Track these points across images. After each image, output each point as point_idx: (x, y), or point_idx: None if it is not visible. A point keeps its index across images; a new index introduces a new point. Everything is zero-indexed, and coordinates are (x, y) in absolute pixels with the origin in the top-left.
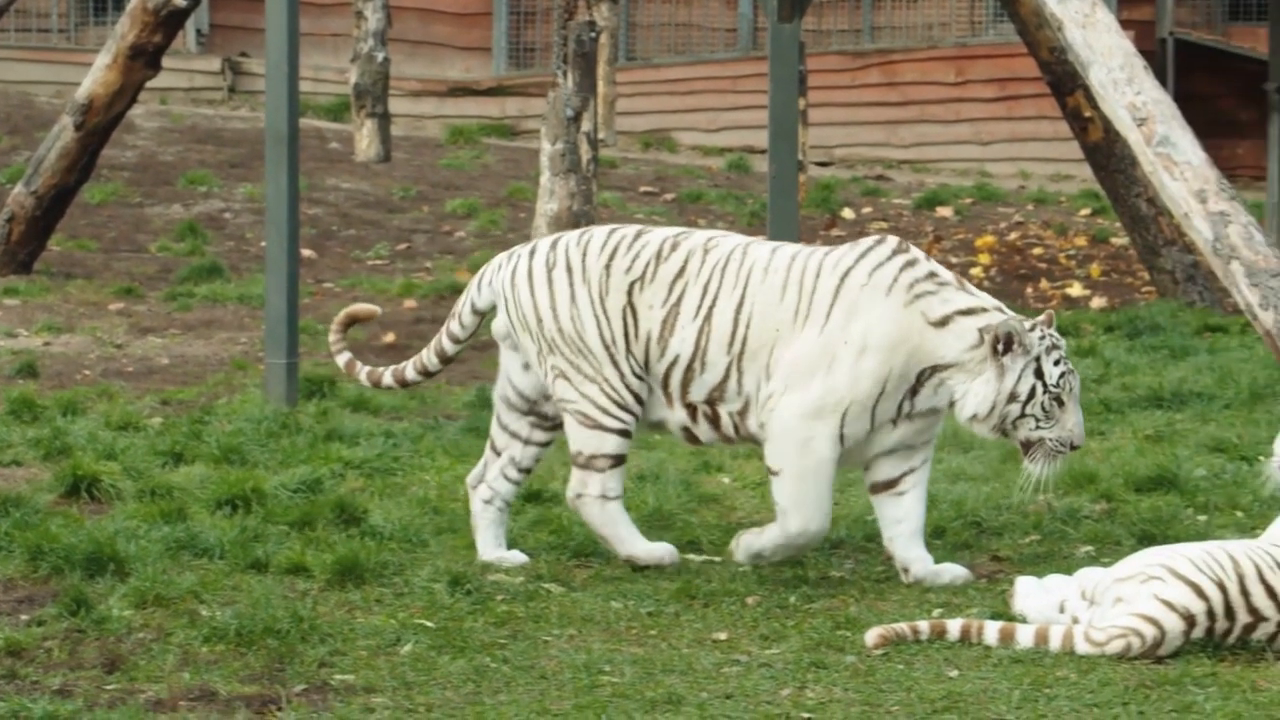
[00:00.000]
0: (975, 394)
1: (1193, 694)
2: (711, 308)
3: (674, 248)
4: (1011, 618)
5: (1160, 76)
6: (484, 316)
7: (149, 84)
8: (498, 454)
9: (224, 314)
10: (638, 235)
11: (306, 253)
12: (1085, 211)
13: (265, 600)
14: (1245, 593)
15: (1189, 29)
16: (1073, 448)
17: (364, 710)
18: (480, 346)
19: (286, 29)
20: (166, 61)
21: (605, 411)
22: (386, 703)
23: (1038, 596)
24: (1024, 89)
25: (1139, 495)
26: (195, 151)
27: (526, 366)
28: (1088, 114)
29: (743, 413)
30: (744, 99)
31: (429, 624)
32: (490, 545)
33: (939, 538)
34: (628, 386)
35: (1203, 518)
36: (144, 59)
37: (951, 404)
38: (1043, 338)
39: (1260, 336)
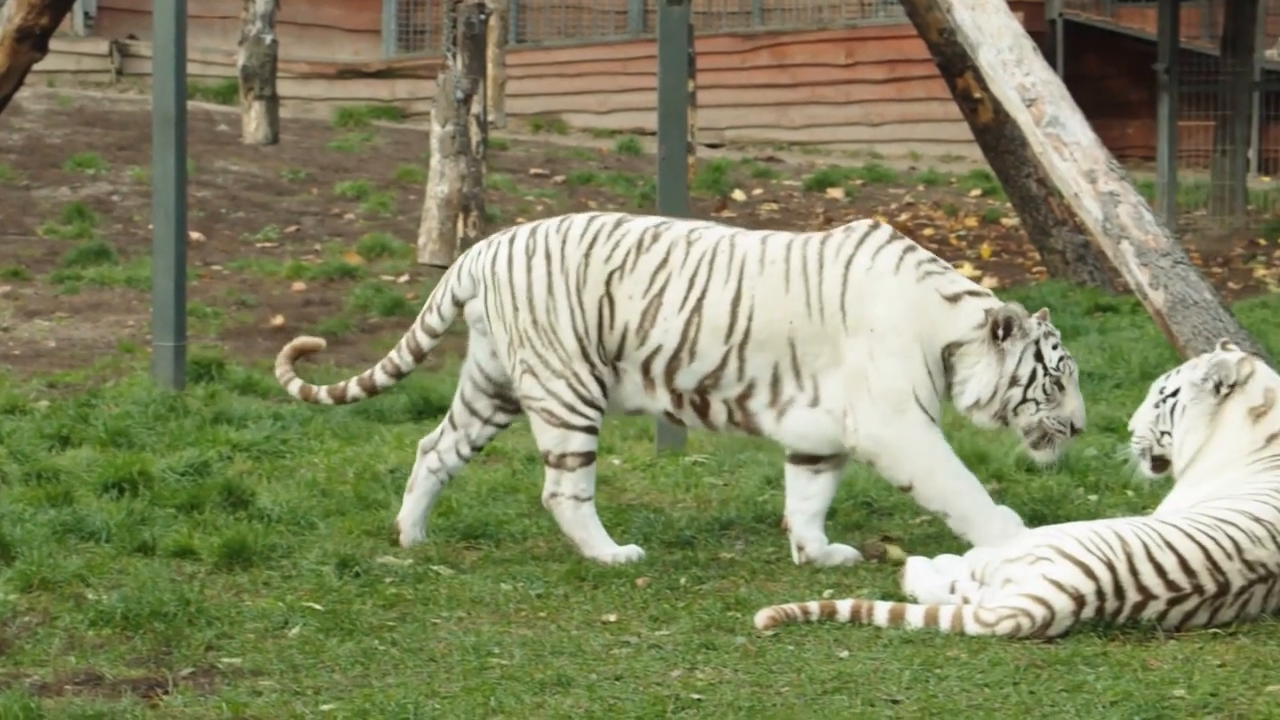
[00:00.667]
0: (977, 379)
1: (1083, 673)
2: (701, 299)
3: (655, 238)
4: (902, 598)
5: (1050, 58)
6: (463, 308)
7: (36, 66)
8: (455, 428)
9: (112, 297)
10: (618, 224)
11: (195, 235)
12: (976, 192)
13: (152, 583)
14: (1134, 572)
15: (1078, 10)
16: (1074, 430)
17: (251, 693)
18: (367, 329)
19: (174, 11)
20: (54, 44)
21: (572, 409)
22: (274, 686)
23: (929, 577)
24: (914, 71)
25: (1030, 475)
26: (83, 134)
27: (494, 353)
28: (977, 95)
29: (743, 398)
30: (634, 81)
31: (317, 607)
32: (413, 514)
33: (830, 518)
34: (596, 380)
35: (1093, 497)
36: (31, 41)
37: (949, 389)
38: (1040, 323)
39: (1151, 316)
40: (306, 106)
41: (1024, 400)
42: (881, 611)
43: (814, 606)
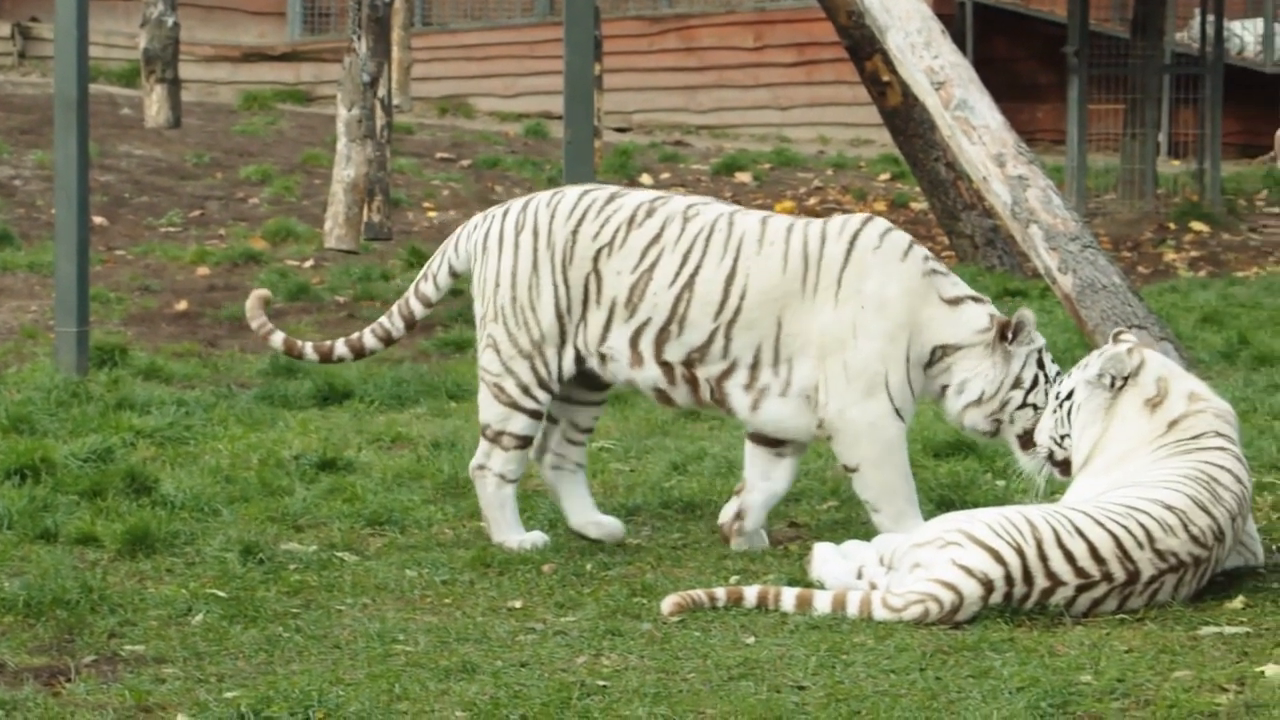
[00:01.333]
0: (982, 377)
1: (990, 659)
2: (694, 275)
3: (650, 213)
4: (810, 584)
5: (959, 40)
6: (459, 278)
7: None
8: (555, 422)
9: (14, 282)
10: (610, 199)
11: (98, 220)
12: (884, 176)
13: (54, 571)
14: (1043, 558)
15: None
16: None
17: (154, 681)
18: (272, 315)
19: None
20: None
21: (526, 391)
22: (177, 673)
23: (836, 563)
24: (823, 54)
25: (938, 460)
26: None
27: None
28: (886, 78)
29: (724, 377)
30: (541, 64)
31: (221, 594)
32: (582, 510)
33: None
34: (561, 365)
35: (1001, 483)
36: None
37: (944, 391)
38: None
39: (1059, 300)
40: (211, 90)
41: (1024, 404)
42: (788, 597)
43: (721, 592)
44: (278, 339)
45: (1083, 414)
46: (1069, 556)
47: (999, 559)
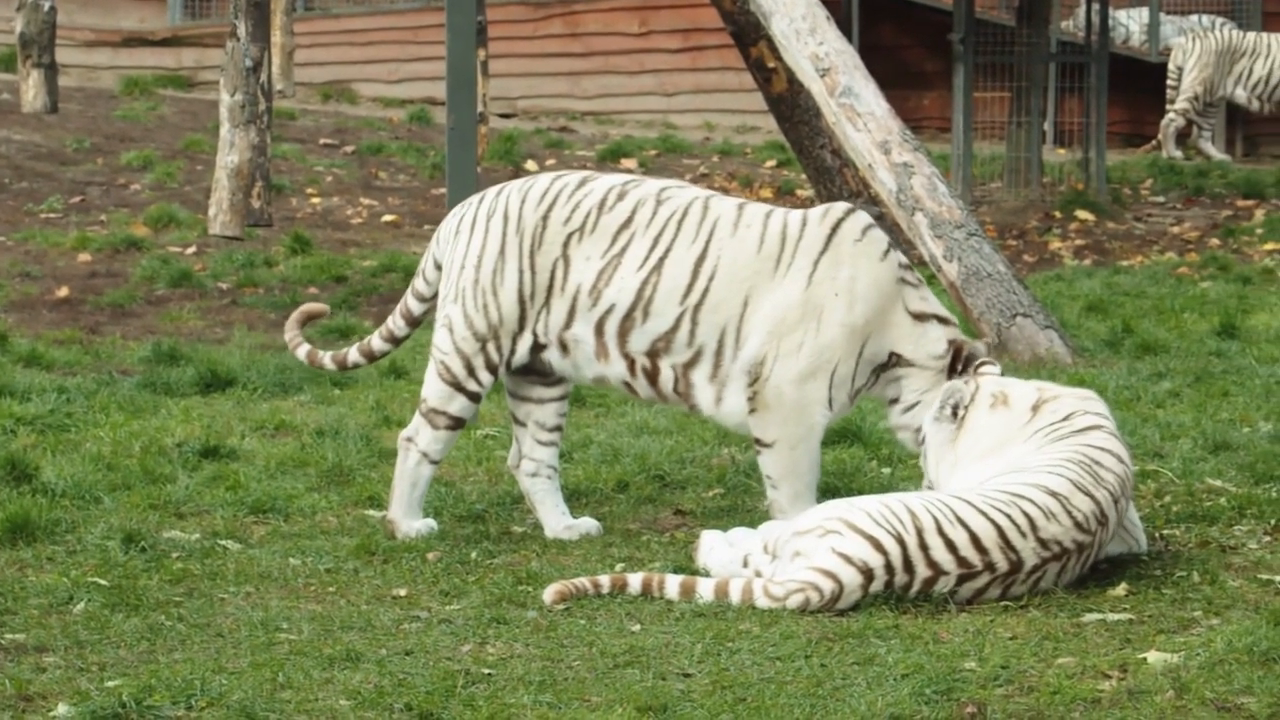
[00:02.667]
0: (927, 404)
1: (875, 646)
2: (663, 258)
3: (620, 196)
4: (695, 572)
5: (844, 27)
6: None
7: None
8: (522, 424)
9: None
10: (581, 183)
11: None
12: (770, 163)
13: None
14: (924, 546)
15: None
16: None
17: (35, 670)
18: (155, 301)
19: None
20: None
21: (471, 372)
22: (58, 662)
23: (722, 550)
24: (708, 40)
25: (823, 448)
26: None
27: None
28: (772, 65)
29: (689, 365)
30: (425, 50)
31: (102, 582)
32: (556, 517)
33: (622, 491)
34: (514, 351)
35: (886, 470)
36: None
37: (891, 403)
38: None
39: (945, 288)
40: (92, 75)
41: None
42: (673, 585)
43: (605, 580)
44: (302, 352)
45: (933, 450)
46: (950, 545)
47: (879, 547)
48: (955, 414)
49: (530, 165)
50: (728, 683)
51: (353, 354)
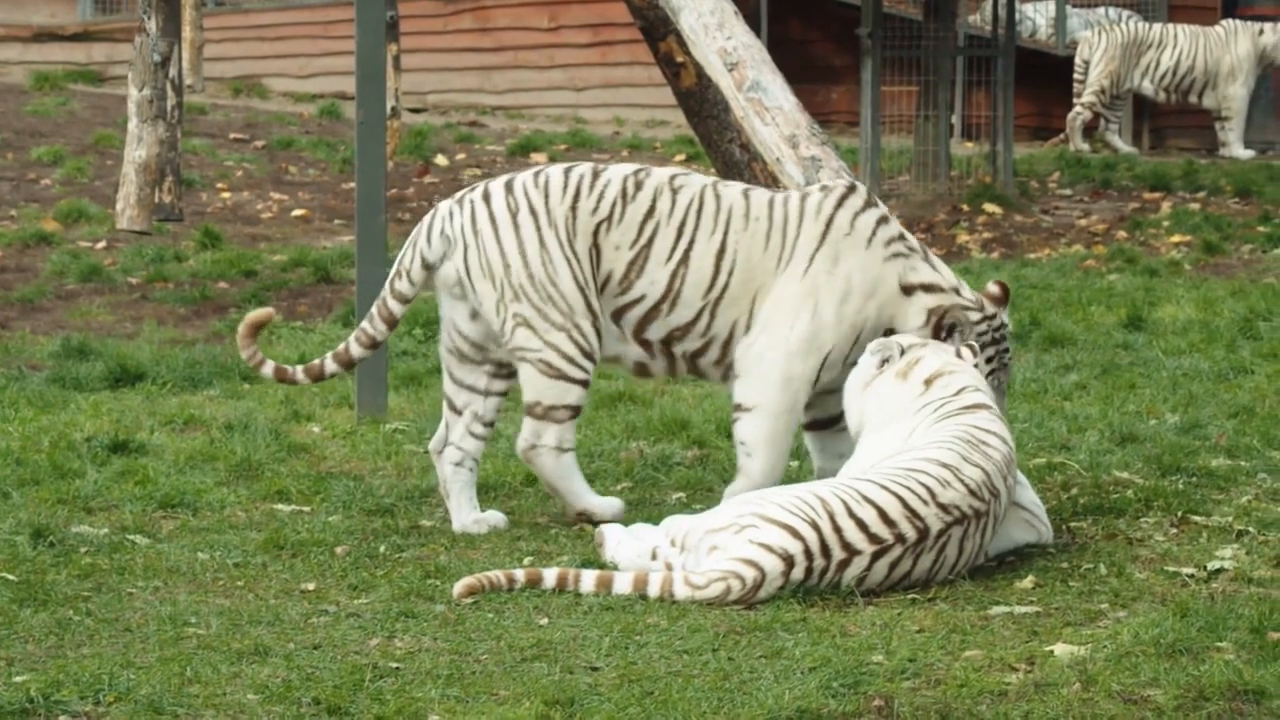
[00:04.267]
0: None
1: (782, 639)
2: (688, 251)
3: (638, 186)
4: (603, 566)
5: (753, 22)
6: (433, 270)
7: None
8: (458, 413)
9: None
10: (596, 174)
11: None
12: (680, 158)
13: None
14: (838, 529)
15: None
16: None
17: None
18: (64, 296)
19: None
20: None
21: (571, 361)
22: None
23: (630, 544)
24: (617, 35)
25: (731, 441)
26: None
27: (474, 315)
28: (680, 60)
29: (699, 353)
30: (336, 45)
31: (10, 577)
32: (467, 511)
33: (531, 485)
34: (596, 332)
35: (794, 463)
36: None
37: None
38: (988, 328)
39: None
40: (2, 70)
41: None
42: (588, 579)
43: (520, 574)
44: (269, 369)
45: (848, 387)
46: (861, 524)
47: (796, 534)
48: (881, 365)
49: (440, 160)
50: (635, 676)
51: (329, 364)
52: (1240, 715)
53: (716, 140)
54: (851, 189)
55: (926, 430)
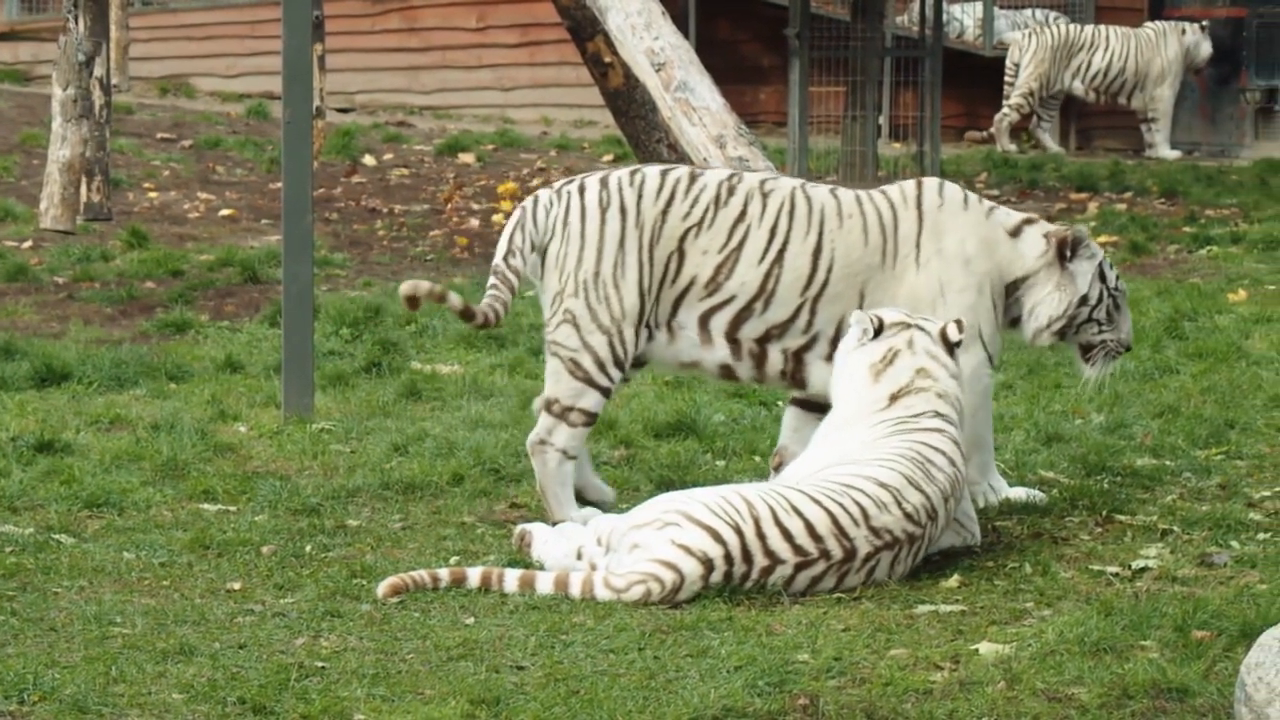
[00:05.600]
0: (1048, 302)
1: (708, 638)
2: (782, 250)
3: (731, 191)
4: (529, 565)
5: (681, 23)
6: (539, 253)
7: None
8: None
9: None
10: (693, 178)
11: None
12: (608, 157)
13: None
14: (761, 536)
15: None
16: (1126, 349)
17: None
18: None
19: None
20: None
21: (602, 367)
22: None
23: (556, 543)
24: (546, 35)
25: (658, 441)
26: None
27: None
28: (608, 60)
29: (802, 351)
30: (263, 44)
31: None
32: (568, 507)
33: (458, 485)
34: (636, 343)
35: (721, 463)
36: None
37: (1015, 321)
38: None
39: None
40: None
41: (1088, 319)
42: (511, 579)
43: (444, 574)
44: (455, 300)
45: (837, 363)
46: (787, 534)
47: (718, 538)
48: (860, 336)
49: (368, 160)
50: (561, 675)
51: (479, 314)
52: (1164, 713)
53: (644, 140)
54: (922, 181)
55: (876, 442)
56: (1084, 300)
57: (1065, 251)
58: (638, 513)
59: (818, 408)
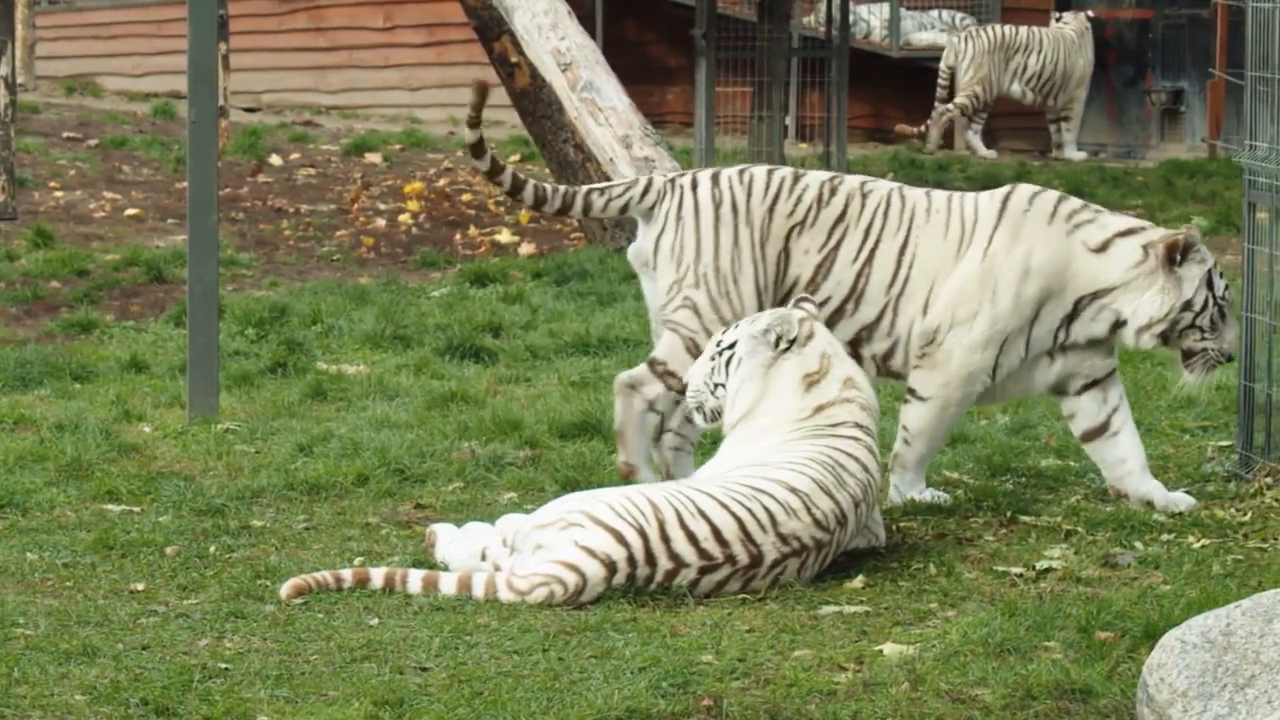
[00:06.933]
0: (1150, 303)
1: (613, 639)
2: (874, 250)
3: (833, 192)
4: (434, 565)
5: (588, 23)
6: (626, 214)
7: None
8: (677, 402)
9: None
10: (797, 178)
11: None
12: (515, 158)
13: None
14: (666, 539)
15: None
16: (1228, 359)
17: None
18: None
19: None
20: None
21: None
22: None
23: (460, 544)
24: (453, 35)
25: (564, 441)
26: None
27: None
28: (515, 60)
29: (888, 355)
30: (169, 43)
31: None
32: (643, 452)
33: (362, 485)
34: None
35: None
36: None
37: (1116, 326)
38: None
39: None
40: None
41: (1191, 325)
42: (415, 580)
43: (347, 574)
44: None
45: (743, 368)
46: (692, 538)
47: (621, 540)
48: (777, 343)
49: (275, 159)
50: (465, 676)
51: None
52: (1067, 714)
53: (551, 140)
54: (1018, 184)
55: (788, 445)
56: (1188, 305)
57: (1175, 255)
58: (542, 513)
59: None
